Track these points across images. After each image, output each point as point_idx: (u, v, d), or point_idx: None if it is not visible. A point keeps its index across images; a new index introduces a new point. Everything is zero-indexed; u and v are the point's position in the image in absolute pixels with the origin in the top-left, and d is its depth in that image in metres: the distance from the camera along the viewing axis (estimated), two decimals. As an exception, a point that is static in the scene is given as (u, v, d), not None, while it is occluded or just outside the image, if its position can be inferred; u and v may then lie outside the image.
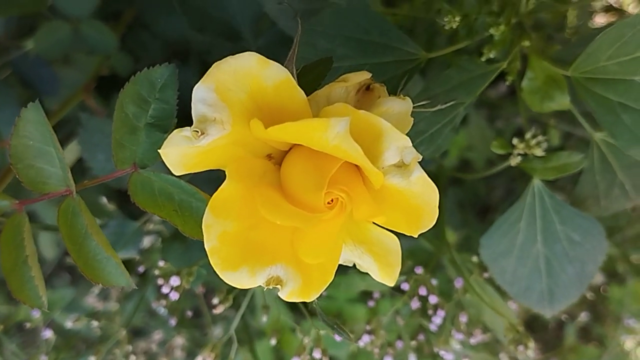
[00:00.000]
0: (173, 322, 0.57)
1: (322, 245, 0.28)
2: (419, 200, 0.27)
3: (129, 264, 0.62)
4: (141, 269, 0.59)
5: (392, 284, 0.32)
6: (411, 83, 0.40)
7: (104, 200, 0.58)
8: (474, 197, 1.00)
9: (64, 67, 0.63)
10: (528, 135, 0.43)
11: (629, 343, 0.93)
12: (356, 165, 0.28)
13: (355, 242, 0.32)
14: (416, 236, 0.28)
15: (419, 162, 0.27)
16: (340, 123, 0.24)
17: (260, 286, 0.28)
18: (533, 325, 0.96)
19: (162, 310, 0.61)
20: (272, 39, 0.51)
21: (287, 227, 0.28)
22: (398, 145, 0.26)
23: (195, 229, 0.30)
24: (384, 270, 0.32)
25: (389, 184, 0.27)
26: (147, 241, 0.59)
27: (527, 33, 0.40)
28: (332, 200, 0.27)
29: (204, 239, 0.26)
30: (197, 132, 0.25)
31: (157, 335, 0.76)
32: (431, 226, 0.27)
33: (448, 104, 0.35)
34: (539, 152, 0.43)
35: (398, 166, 0.26)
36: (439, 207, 0.27)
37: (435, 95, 0.37)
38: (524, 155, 0.44)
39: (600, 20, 0.76)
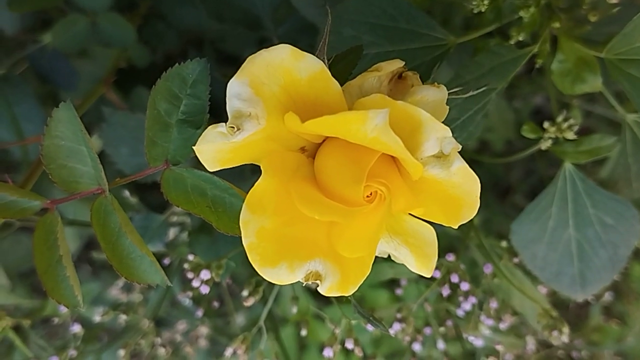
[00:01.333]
0: (200, 313, 0.57)
1: (361, 239, 0.27)
2: (459, 191, 0.26)
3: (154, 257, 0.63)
4: (166, 261, 0.59)
5: (429, 275, 0.31)
6: (438, 69, 0.40)
7: (127, 193, 0.58)
8: (493, 178, 0.99)
9: (81, 60, 0.62)
10: (559, 119, 0.42)
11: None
12: (392, 157, 0.28)
13: (391, 234, 0.31)
14: (456, 227, 0.28)
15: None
16: (379, 115, 0.23)
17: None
18: (555, 305, 0.95)
19: (188, 302, 0.61)
20: (293, 27, 0.51)
21: (324, 222, 0.27)
22: (438, 136, 0.25)
23: (230, 225, 0.30)
24: (420, 262, 0.31)
25: (427, 175, 0.26)
26: (171, 233, 0.59)
27: (557, 14, 0.39)
28: (371, 194, 0.27)
29: (242, 235, 0.26)
30: (233, 127, 0.25)
31: (181, 325, 0.76)
32: (472, 217, 0.27)
33: (479, 90, 0.34)
34: (570, 135, 0.42)
35: (437, 157, 0.26)
36: None
37: (466, 81, 0.36)
38: (554, 139, 0.43)
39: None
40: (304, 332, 0.52)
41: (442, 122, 0.29)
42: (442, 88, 0.29)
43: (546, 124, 0.43)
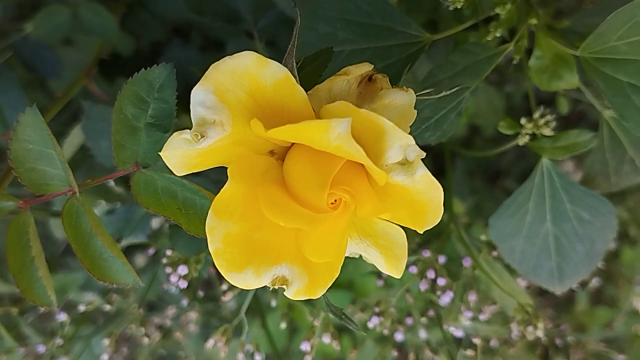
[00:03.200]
0: (185, 302, 0.57)
1: (328, 245, 0.28)
2: (424, 198, 0.27)
3: (139, 247, 0.63)
4: (151, 251, 0.59)
5: (399, 276, 0.32)
6: (418, 64, 0.39)
7: (112, 183, 0.58)
8: (483, 162, 0.99)
9: (65, 48, 0.62)
10: (536, 115, 0.42)
11: (640, 305, 0.93)
12: (360, 163, 0.28)
13: (360, 235, 0.32)
14: (422, 232, 0.28)
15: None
16: (341, 124, 0.23)
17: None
18: (543, 289, 0.96)
19: (174, 290, 0.62)
20: (273, 20, 0.50)
21: (292, 227, 0.28)
22: (401, 144, 0.25)
23: (200, 227, 0.30)
24: (390, 263, 0.32)
25: (393, 181, 0.26)
26: (155, 223, 0.59)
27: (534, 10, 0.38)
28: (335, 200, 0.27)
29: (208, 241, 0.26)
30: (197, 135, 0.25)
31: (171, 310, 0.77)
32: (436, 223, 0.27)
33: (453, 90, 0.34)
34: (547, 131, 0.42)
35: (402, 164, 0.26)
36: (446, 180, 0.27)
37: (440, 81, 0.36)
38: (533, 135, 0.43)
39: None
40: (283, 325, 0.52)
41: (415, 121, 0.29)
42: (410, 92, 0.29)
43: (523, 120, 0.43)
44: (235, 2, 0.50)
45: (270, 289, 0.27)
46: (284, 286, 0.28)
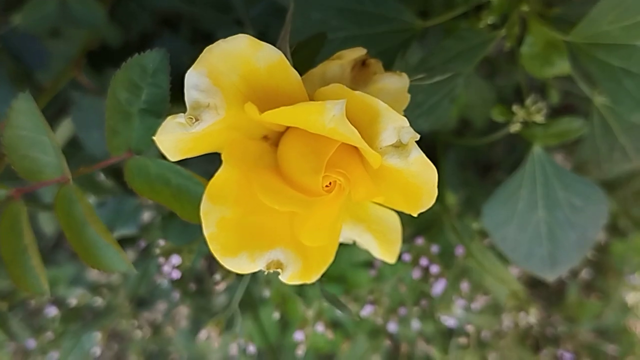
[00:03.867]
0: (177, 295, 0.57)
1: (322, 228, 0.28)
2: (418, 180, 0.27)
3: (130, 240, 0.62)
4: (142, 243, 0.59)
5: (392, 261, 0.32)
6: (410, 51, 0.39)
7: (102, 177, 0.57)
8: (474, 155, 0.99)
9: (53, 40, 0.62)
10: (528, 102, 0.42)
11: (631, 297, 0.94)
12: (354, 146, 0.28)
13: (354, 220, 0.32)
14: (416, 215, 0.28)
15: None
16: (335, 106, 0.23)
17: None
18: (533, 282, 0.97)
19: (165, 284, 0.62)
20: (265, 9, 0.50)
21: (286, 211, 0.28)
22: (395, 126, 0.25)
23: (194, 213, 0.30)
24: (384, 248, 0.32)
25: (387, 164, 0.26)
26: (147, 216, 0.59)
27: (526, -3, 0.38)
28: (330, 184, 0.27)
29: (203, 225, 0.26)
30: (192, 118, 0.25)
31: (162, 306, 0.76)
32: (430, 205, 0.27)
33: (446, 76, 0.34)
34: (539, 118, 0.42)
35: (396, 146, 0.26)
36: (439, 172, 0.27)
37: (433, 66, 0.36)
38: (524, 122, 0.44)
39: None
40: (277, 315, 0.52)
41: (409, 107, 0.29)
42: (403, 76, 0.29)
43: (515, 107, 0.43)
44: (227, -9, 0.50)
45: (266, 273, 0.27)
46: (279, 270, 0.27)
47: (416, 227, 0.54)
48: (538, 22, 0.39)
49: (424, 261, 0.46)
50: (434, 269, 0.47)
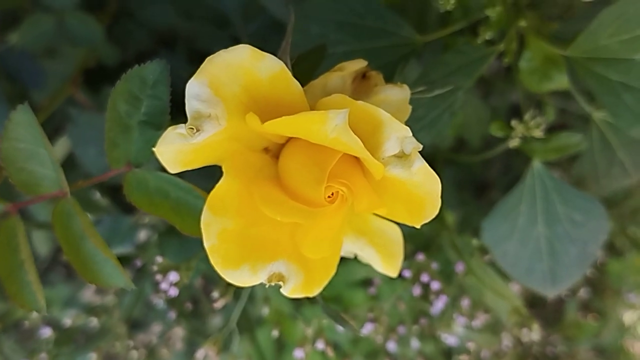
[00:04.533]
0: (172, 315, 0.56)
1: (324, 240, 0.27)
2: (421, 191, 0.26)
3: (125, 259, 0.62)
4: (138, 262, 0.58)
5: (394, 275, 0.31)
6: (408, 67, 0.39)
7: (97, 195, 0.57)
8: (471, 175, 0.99)
9: (50, 59, 0.62)
10: (527, 117, 0.42)
11: (628, 316, 0.94)
12: (356, 157, 0.28)
13: (356, 234, 0.31)
14: (419, 227, 0.28)
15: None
16: (338, 115, 0.23)
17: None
18: (532, 301, 0.96)
19: (161, 304, 0.61)
20: (263, 25, 0.50)
21: (288, 223, 0.27)
22: (398, 136, 0.25)
23: (194, 227, 0.30)
24: (386, 262, 0.31)
25: (390, 174, 0.26)
26: (143, 235, 0.59)
27: (524, 12, 0.39)
28: (332, 194, 0.27)
29: (204, 237, 0.26)
30: (192, 129, 0.25)
31: (157, 327, 0.75)
32: (434, 216, 0.27)
33: (446, 89, 0.34)
34: (538, 133, 0.42)
35: (399, 156, 0.26)
36: None
37: (433, 80, 0.36)
38: (523, 137, 0.44)
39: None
40: (275, 333, 0.51)
41: (408, 121, 0.29)
42: (404, 88, 0.29)
43: (514, 122, 0.43)
44: (226, 7, 0.50)
45: (267, 286, 0.27)
46: (281, 282, 0.27)
47: (415, 244, 0.54)
48: (536, 37, 0.39)
49: (424, 277, 0.46)
50: (435, 285, 0.46)
